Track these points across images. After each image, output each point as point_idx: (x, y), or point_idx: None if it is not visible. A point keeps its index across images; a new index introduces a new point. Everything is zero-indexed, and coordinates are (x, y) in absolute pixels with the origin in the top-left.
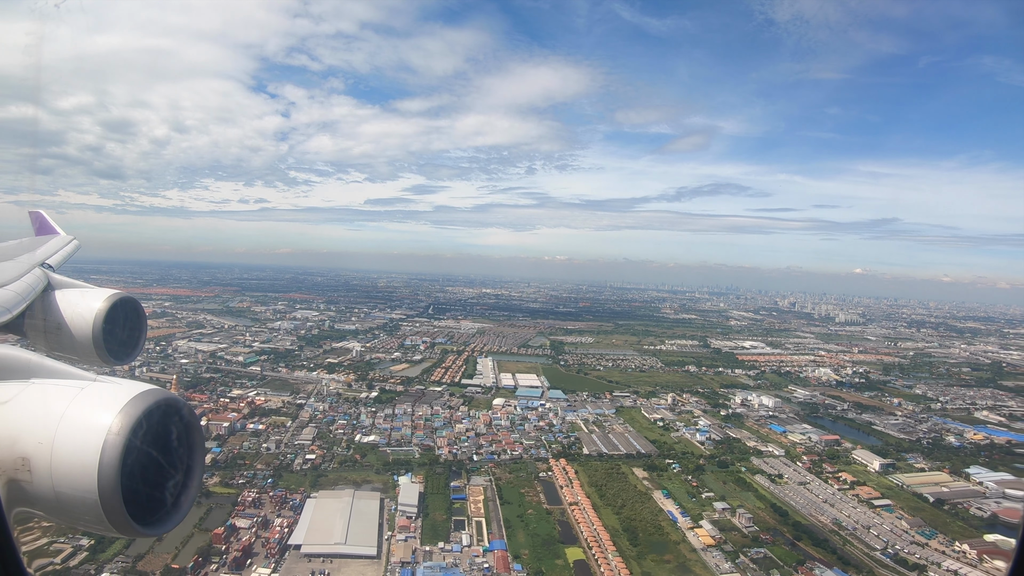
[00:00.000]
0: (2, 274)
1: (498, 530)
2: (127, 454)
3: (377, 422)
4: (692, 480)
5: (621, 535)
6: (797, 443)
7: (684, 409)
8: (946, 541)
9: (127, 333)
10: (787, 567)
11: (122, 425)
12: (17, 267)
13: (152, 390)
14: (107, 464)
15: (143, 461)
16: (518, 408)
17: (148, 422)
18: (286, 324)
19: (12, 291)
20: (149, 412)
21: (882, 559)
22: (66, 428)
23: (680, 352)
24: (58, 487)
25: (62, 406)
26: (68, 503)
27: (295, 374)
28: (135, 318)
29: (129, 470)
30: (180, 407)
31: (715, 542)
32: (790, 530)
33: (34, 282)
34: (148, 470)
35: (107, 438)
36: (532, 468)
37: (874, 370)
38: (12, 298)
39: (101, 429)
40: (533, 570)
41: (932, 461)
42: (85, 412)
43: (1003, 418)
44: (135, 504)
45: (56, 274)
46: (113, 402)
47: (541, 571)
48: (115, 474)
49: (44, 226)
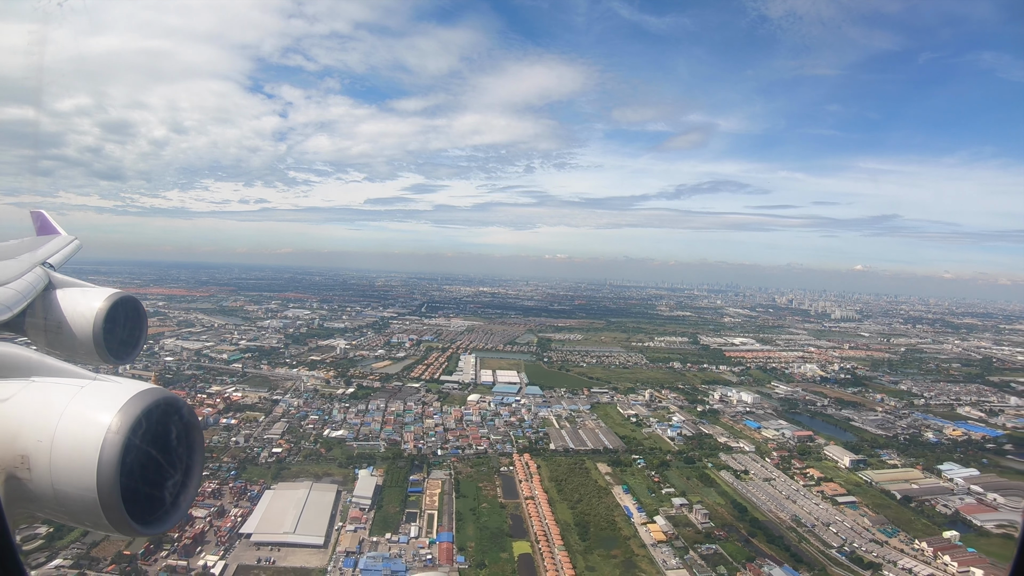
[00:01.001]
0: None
1: (448, 523)
2: (126, 453)
3: (348, 417)
4: (655, 476)
5: (572, 529)
6: (770, 439)
7: (660, 405)
8: (907, 539)
9: (127, 332)
10: (736, 564)
11: (121, 424)
12: (18, 266)
13: (152, 389)
14: (106, 462)
15: (142, 460)
16: (492, 404)
17: (148, 421)
18: (275, 323)
19: (13, 289)
20: (149, 411)
21: (837, 557)
22: (66, 426)
23: (668, 349)
24: (57, 485)
25: (62, 404)
26: (67, 501)
27: (276, 371)
28: (135, 317)
29: (128, 469)
30: (180, 406)
31: (666, 538)
32: (746, 526)
33: (35, 281)
34: (147, 469)
35: (106, 436)
36: (495, 463)
37: (862, 366)
38: (13, 296)
39: (100, 427)
40: (476, 562)
41: (906, 457)
42: (85, 410)
43: (984, 414)
44: (134, 503)
45: (57, 273)
46: (113, 401)
47: (484, 563)
48: (114, 473)
49: (45, 226)
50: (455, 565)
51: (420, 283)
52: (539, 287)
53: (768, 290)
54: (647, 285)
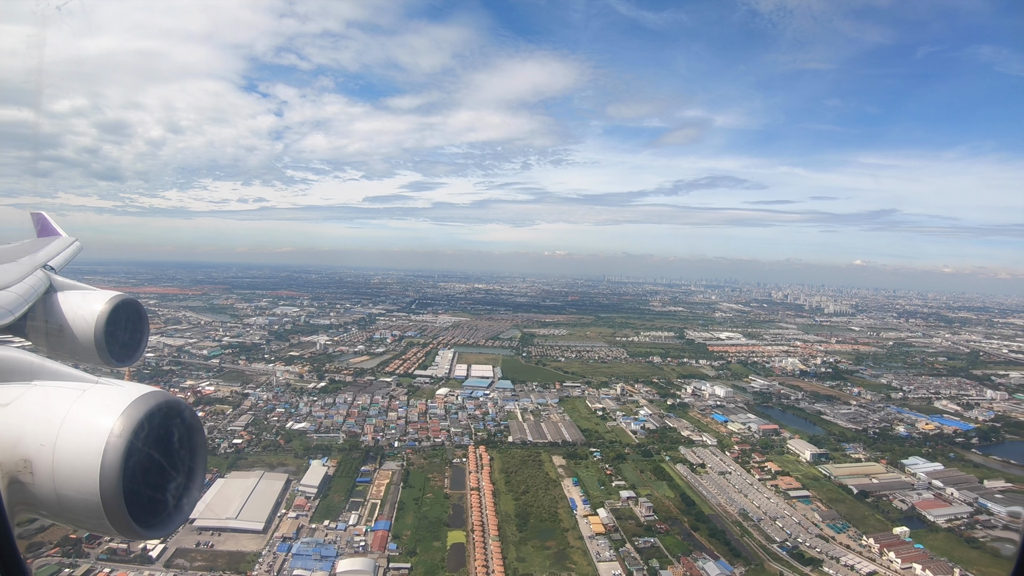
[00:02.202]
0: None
1: (389, 512)
2: (129, 456)
3: (314, 411)
4: (608, 469)
5: (512, 520)
6: (735, 432)
7: (631, 399)
8: (855, 535)
9: (129, 335)
10: (671, 557)
11: (124, 427)
12: (19, 269)
13: (154, 392)
14: (109, 466)
15: (145, 463)
16: (459, 398)
17: (150, 424)
18: (261, 320)
19: (14, 293)
20: (151, 414)
21: (778, 552)
22: (68, 430)
23: (652, 343)
24: (60, 489)
25: (64, 408)
26: (70, 505)
27: (252, 366)
28: (137, 320)
29: (131, 472)
30: (182, 409)
31: (605, 530)
32: (691, 520)
33: (36, 284)
34: (150, 472)
35: (109, 440)
36: (450, 455)
37: (846, 360)
38: (14, 300)
39: (103, 431)
40: (408, 550)
41: (872, 452)
42: (87, 414)
43: (960, 407)
44: (137, 506)
45: (58, 276)
46: (115, 404)
47: (415, 551)
48: (117, 476)
49: (46, 228)
50: (386, 552)
51: (416, 280)
52: (535, 284)
53: (766, 285)
54: (645, 281)
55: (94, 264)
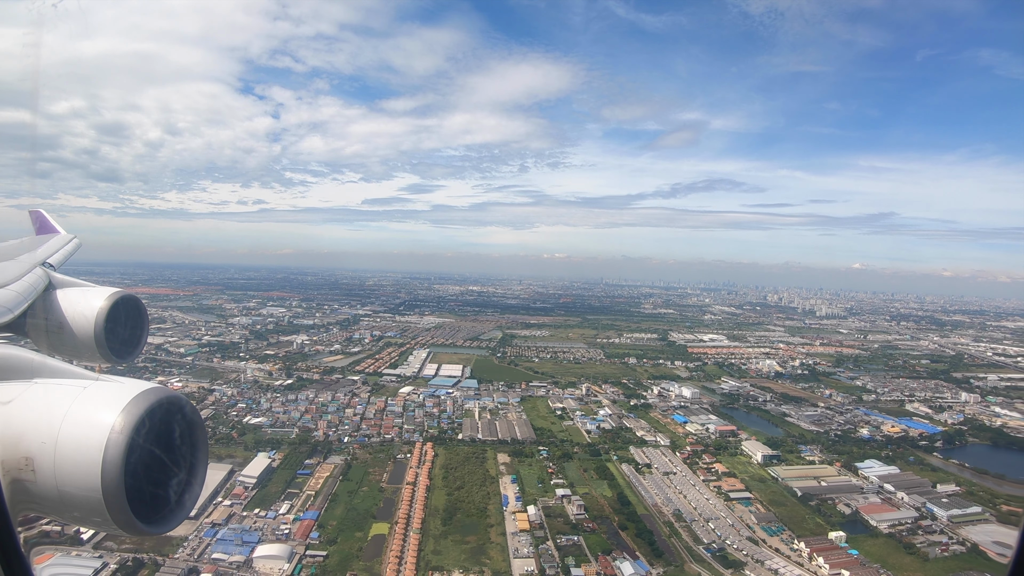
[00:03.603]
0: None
1: (322, 503)
2: (130, 453)
3: (274, 406)
4: (551, 467)
5: (439, 514)
6: (691, 433)
7: (594, 399)
8: (789, 538)
9: (129, 331)
10: (589, 555)
11: (125, 424)
12: (18, 267)
13: (154, 388)
14: (110, 463)
15: (146, 459)
16: (421, 396)
17: (151, 420)
18: (245, 320)
19: (13, 291)
20: (152, 410)
21: (702, 554)
22: (69, 427)
23: (632, 345)
24: (62, 486)
25: (65, 405)
26: (72, 502)
27: (225, 363)
28: (137, 316)
29: (132, 468)
30: (183, 405)
31: (530, 527)
32: (622, 519)
33: (35, 281)
34: (151, 468)
35: (110, 437)
36: (396, 450)
37: (826, 362)
38: (13, 298)
39: (104, 428)
40: (329, 539)
41: (830, 454)
42: (88, 411)
43: (931, 410)
44: (139, 502)
45: (57, 273)
46: (115, 401)
47: (336, 540)
48: (118, 473)
49: (45, 225)
50: (307, 540)
51: (412, 282)
52: (530, 286)
53: (763, 288)
54: (642, 284)
55: (91, 265)
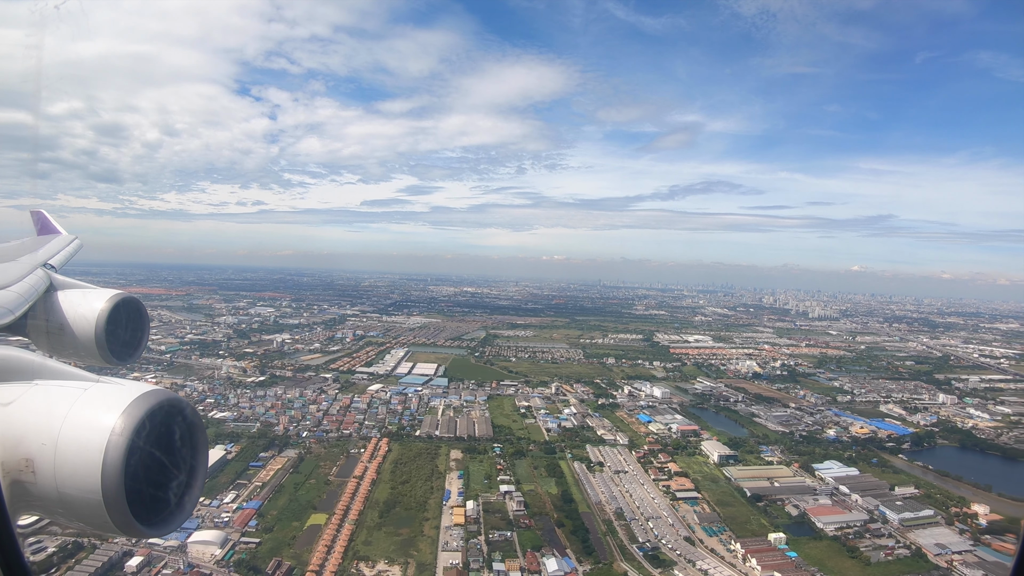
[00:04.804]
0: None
1: (268, 493)
2: (130, 455)
3: (241, 402)
4: (500, 464)
5: (379, 507)
6: (653, 433)
7: (562, 398)
8: (728, 539)
9: (129, 333)
10: (518, 551)
11: (125, 426)
12: (19, 268)
13: (155, 391)
14: (110, 465)
15: (146, 462)
16: (389, 394)
17: (151, 423)
18: (231, 319)
19: (14, 292)
20: (152, 413)
21: (635, 552)
22: (69, 429)
23: (616, 346)
24: (62, 488)
25: (65, 407)
26: (72, 504)
27: (202, 361)
28: (137, 318)
29: (132, 471)
30: (183, 407)
31: (465, 522)
32: (562, 516)
33: (36, 283)
34: (151, 471)
35: (110, 439)
36: (352, 445)
37: (808, 363)
38: (14, 299)
39: (104, 430)
40: (266, 527)
41: (791, 455)
42: (88, 413)
43: (905, 411)
44: (139, 504)
45: (58, 274)
46: (116, 403)
47: (272, 528)
48: (118, 475)
49: (46, 226)
50: (244, 528)
51: (407, 284)
52: (526, 287)
53: (761, 290)
54: (639, 286)
55: (88, 265)
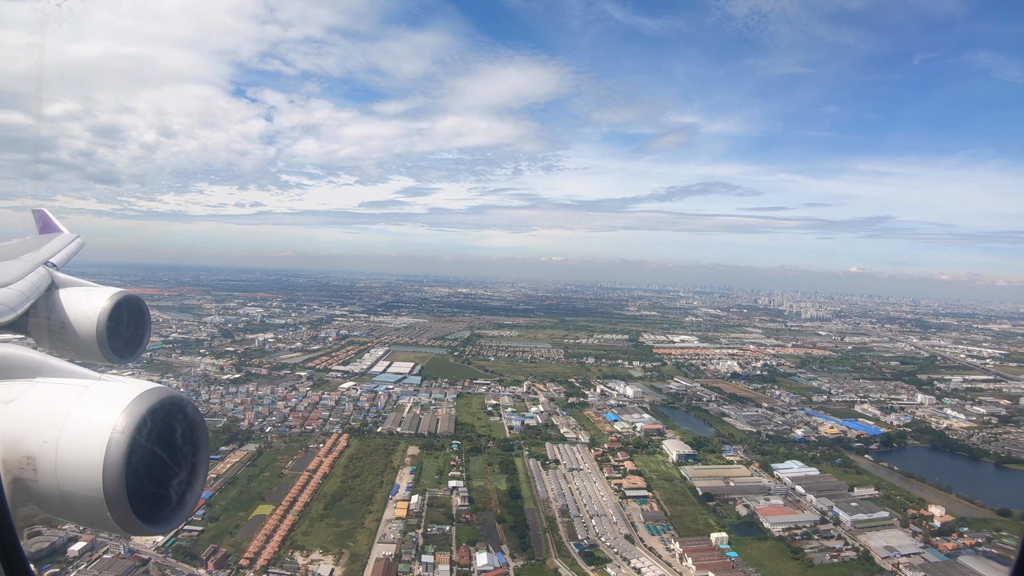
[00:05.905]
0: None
1: (220, 485)
2: (132, 452)
3: (212, 398)
4: (454, 460)
5: (325, 499)
6: (617, 431)
7: (531, 397)
8: (670, 537)
9: (131, 331)
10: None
11: (126, 423)
12: (21, 266)
13: (156, 388)
14: (112, 462)
15: (148, 459)
16: (359, 391)
17: (152, 420)
18: (219, 318)
19: (16, 290)
20: (153, 410)
21: (571, 549)
22: (71, 427)
23: (599, 345)
24: (63, 486)
25: (66, 405)
26: (73, 502)
27: (181, 359)
28: (139, 316)
29: (134, 468)
30: (184, 405)
31: (406, 515)
32: (505, 512)
33: (38, 281)
34: (153, 468)
35: (112, 436)
36: (313, 440)
37: (790, 363)
38: (16, 297)
39: (105, 428)
40: (212, 516)
41: (754, 454)
42: (89, 411)
43: (880, 412)
44: (140, 502)
45: (60, 273)
46: (117, 401)
47: (217, 518)
48: (120, 472)
49: (47, 224)
50: (190, 516)
51: (402, 284)
52: (521, 289)
53: (758, 291)
54: (636, 287)
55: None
